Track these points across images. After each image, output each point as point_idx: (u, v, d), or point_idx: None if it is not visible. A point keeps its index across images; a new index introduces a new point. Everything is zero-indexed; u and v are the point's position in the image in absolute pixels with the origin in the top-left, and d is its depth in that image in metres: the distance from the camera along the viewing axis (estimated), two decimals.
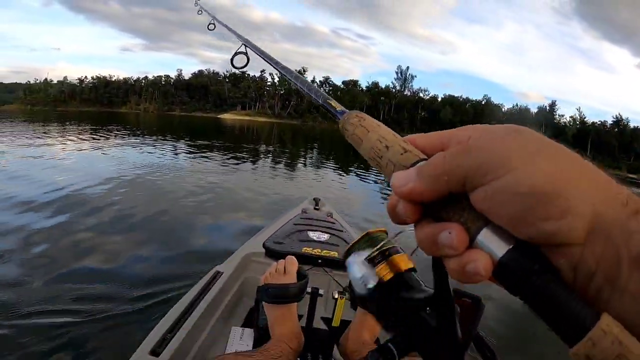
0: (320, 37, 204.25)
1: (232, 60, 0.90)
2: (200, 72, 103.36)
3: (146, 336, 1.22)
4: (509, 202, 0.21)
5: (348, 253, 0.37)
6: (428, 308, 0.32)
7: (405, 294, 0.34)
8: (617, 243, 0.20)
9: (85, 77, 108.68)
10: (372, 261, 0.36)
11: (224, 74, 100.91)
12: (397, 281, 0.34)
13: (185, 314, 1.34)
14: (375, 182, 9.99)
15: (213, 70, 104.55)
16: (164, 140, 17.29)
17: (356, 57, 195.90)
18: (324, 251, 1.73)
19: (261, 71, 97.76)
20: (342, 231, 2.12)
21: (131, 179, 7.13)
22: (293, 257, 1.18)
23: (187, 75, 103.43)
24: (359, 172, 11.62)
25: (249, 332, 1.31)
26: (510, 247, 0.22)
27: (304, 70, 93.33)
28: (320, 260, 1.68)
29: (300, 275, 1.15)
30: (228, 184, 7.47)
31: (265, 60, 0.71)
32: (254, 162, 11.64)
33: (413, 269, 0.36)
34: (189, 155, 12.10)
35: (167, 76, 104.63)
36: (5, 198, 5.17)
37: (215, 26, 1.24)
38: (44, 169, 7.68)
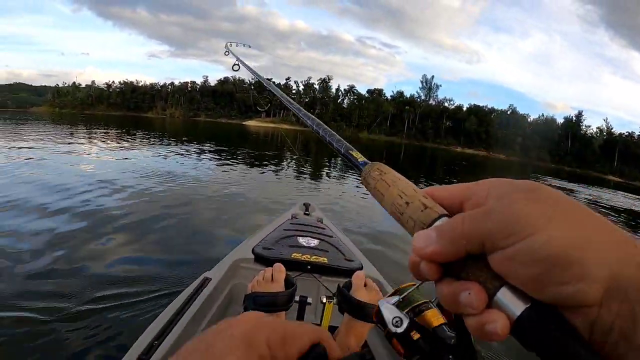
0: (345, 46, 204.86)
1: (254, 100, 1.04)
2: (226, 79, 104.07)
3: (134, 342, 1.20)
4: (526, 266, 0.22)
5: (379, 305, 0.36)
6: (451, 356, 0.32)
7: (432, 349, 0.33)
8: (632, 301, 0.21)
9: (113, 81, 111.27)
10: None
11: (249, 81, 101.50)
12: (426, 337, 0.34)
13: (173, 320, 1.34)
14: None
15: (239, 78, 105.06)
16: (182, 145, 17.51)
17: (381, 65, 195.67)
18: (314, 257, 1.71)
19: (286, 79, 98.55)
20: (332, 237, 2.10)
21: (133, 183, 7.18)
22: (281, 264, 1.17)
23: (212, 82, 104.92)
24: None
25: None
26: (527, 306, 0.23)
27: (328, 79, 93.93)
28: (309, 266, 1.65)
29: (289, 283, 1.13)
30: (226, 189, 7.45)
31: (288, 106, 0.82)
32: (258, 167, 11.61)
33: (444, 324, 0.35)
34: (196, 160, 12.10)
35: (193, 82, 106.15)
36: (21, 198, 5.37)
37: (239, 67, 1.28)
38: (59, 169, 8.12)
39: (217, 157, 13.54)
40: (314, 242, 1.91)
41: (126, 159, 11.10)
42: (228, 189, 7.51)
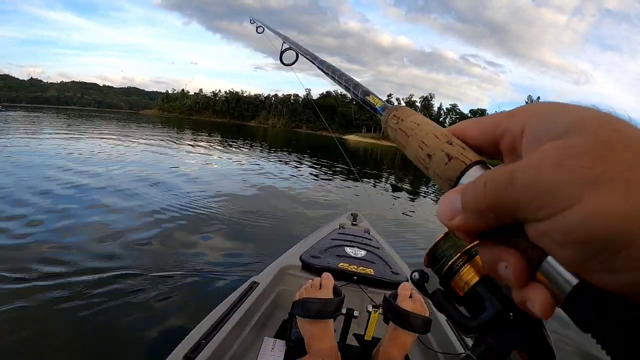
0: (448, 64, 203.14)
1: (280, 57, 1.04)
2: (328, 93, 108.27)
3: (181, 340, 1.23)
4: (564, 247, 0.17)
5: (433, 253, 0.33)
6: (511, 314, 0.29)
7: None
8: None
9: (219, 90, 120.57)
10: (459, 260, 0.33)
11: (350, 97, 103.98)
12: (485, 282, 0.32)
13: (220, 321, 1.37)
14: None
15: (340, 92, 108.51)
16: (279, 154, 17.86)
17: (485, 85, 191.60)
18: (360, 268, 1.69)
19: (388, 95, 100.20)
20: (378, 248, 2.06)
21: (211, 185, 7.47)
22: (329, 274, 1.17)
23: (315, 95, 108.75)
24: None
25: (280, 344, 1.30)
26: (577, 282, 0.18)
27: (430, 97, 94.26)
28: (355, 277, 1.64)
29: (337, 292, 1.12)
30: (283, 195, 7.47)
31: (301, 54, 0.84)
32: (320, 176, 11.35)
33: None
34: (283, 170, 12.05)
35: (296, 95, 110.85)
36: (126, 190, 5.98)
37: (263, 29, 1.38)
38: (154, 166, 8.93)
39: (304, 167, 13.62)
40: (361, 253, 1.88)
41: (214, 162, 11.71)
42: (287, 196, 7.53)
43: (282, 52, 1.05)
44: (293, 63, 1.00)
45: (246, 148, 19.25)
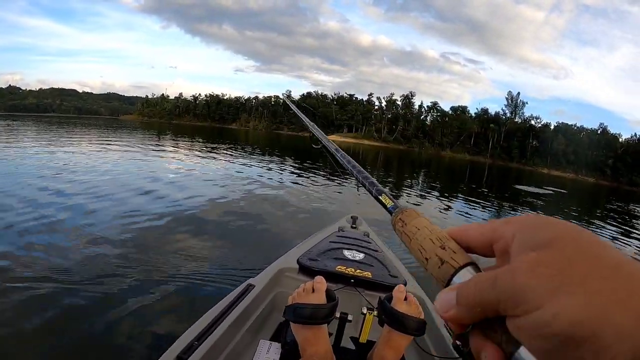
0: (429, 62, 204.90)
1: (310, 138, 1.22)
2: (309, 93, 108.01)
3: (174, 341, 1.23)
4: (536, 340, 0.21)
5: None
6: None
7: None
8: None
9: (199, 94, 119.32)
10: None
11: (331, 96, 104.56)
12: None
13: (214, 323, 1.36)
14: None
15: (321, 93, 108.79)
16: (263, 156, 18.28)
17: (466, 82, 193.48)
18: (358, 271, 1.70)
19: (369, 95, 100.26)
20: (377, 251, 2.07)
21: (199, 188, 7.58)
22: (322, 277, 1.15)
23: (296, 96, 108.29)
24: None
25: (276, 346, 1.30)
26: None
27: (411, 95, 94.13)
28: (352, 280, 1.66)
29: (330, 296, 1.12)
30: (282, 198, 7.55)
31: (323, 143, 0.93)
32: (323, 180, 11.57)
33: None
34: (267, 169, 12.56)
35: (277, 97, 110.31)
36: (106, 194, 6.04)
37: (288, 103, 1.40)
38: (135, 172, 8.99)
39: (289, 168, 13.96)
40: (359, 256, 1.90)
41: (201, 166, 11.93)
42: (286, 199, 7.60)
43: (310, 136, 1.23)
44: (320, 147, 1.10)
45: (233, 152, 19.10)
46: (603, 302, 0.19)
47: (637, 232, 10.92)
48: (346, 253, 1.91)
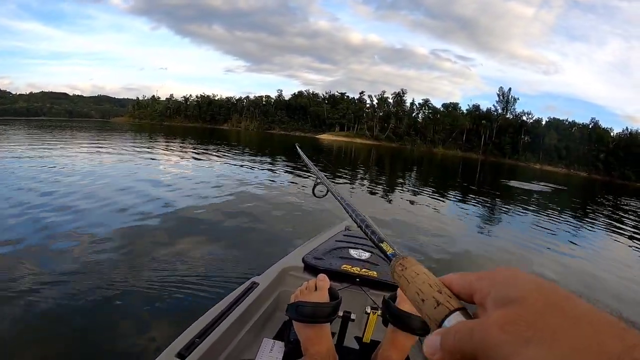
0: (419, 60, 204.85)
1: (313, 190, 1.24)
2: (300, 93, 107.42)
3: (175, 338, 1.23)
4: None
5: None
6: None
7: None
8: None
9: (190, 95, 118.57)
10: None
11: (323, 95, 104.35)
12: None
13: (217, 320, 1.36)
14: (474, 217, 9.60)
15: (312, 92, 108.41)
16: (256, 156, 18.22)
17: (456, 79, 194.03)
18: (363, 270, 1.70)
19: (360, 93, 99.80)
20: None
21: (199, 188, 7.72)
22: (325, 275, 1.14)
23: (287, 96, 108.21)
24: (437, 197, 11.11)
25: (279, 345, 1.29)
26: None
27: (403, 93, 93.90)
28: (358, 279, 1.65)
29: (333, 294, 1.10)
30: (288, 199, 7.57)
31: (331, 191, 0.93)
32: (336, 182, 11.42)
33: None
34: (264, 168, 12.63)
35: (268, 96, 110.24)
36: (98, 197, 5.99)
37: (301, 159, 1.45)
38: (130, 175, 8.92)
39: (285, 168, 13.83)
40: (365, 255, 1.90)
41: (198, 167, 11.91)
42: (291, 200, 7.64)
43: (314, 186, 1.27)
44: (324, 196, 1.12)
45: (229, 153, 18.98)
46: (564, 351, 0.22)
47: None
48: (352, 252, 1.90)
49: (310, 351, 1.02)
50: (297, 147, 1.56)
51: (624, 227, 10.67)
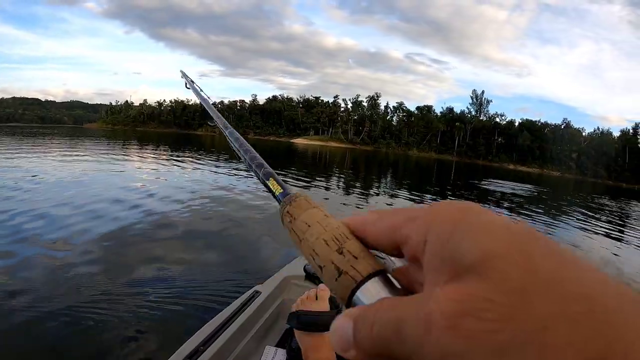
0: (394, 63, 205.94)
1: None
2: (275, 97, 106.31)
3: (180, 346, 1.25)
4: None
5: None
6: None
7: None
8: None
9: (164, 100, 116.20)
10: None
11: (297, 99, 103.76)
12: None
13: (220, 328, 1.38)
14: None
15: (287, 96, 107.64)
16: (236, 162, 18.21)
17: (430, 82, 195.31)
18: None
19: (334, 97, 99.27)
20: (383, 258, 2.03)
21: (191, 196, 7.56)
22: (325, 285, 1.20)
23: (261, 100, 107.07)
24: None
25: (282, 353, 1.29)
26: None
27: (377, 96, 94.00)
28: None
29: (334, 304, 1.09)
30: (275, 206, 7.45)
31: (213, 116, 0.72)
32: (310, 186, 11.46)
33: None
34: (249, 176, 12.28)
35: (242, 101, 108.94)
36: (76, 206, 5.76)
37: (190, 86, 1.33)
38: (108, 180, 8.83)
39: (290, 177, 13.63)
40: None
41: (182, 175, 11.56)
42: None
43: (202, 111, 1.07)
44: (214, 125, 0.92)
45: (210, 160, 18.48)
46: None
47: None
48: None
49: (311, 359, 1.02)
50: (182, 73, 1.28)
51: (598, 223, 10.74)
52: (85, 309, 2.81)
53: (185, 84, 1.19)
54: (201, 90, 1.04)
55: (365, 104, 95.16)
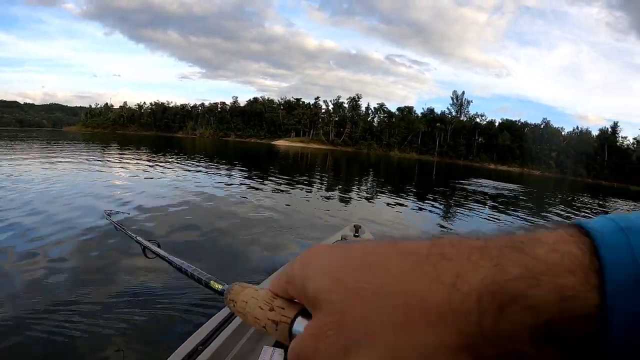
0: (374, 64, 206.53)
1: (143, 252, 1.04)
2: (255, 99, 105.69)
3: (178, 346, 1.27)
4: None
5: None
6: None
7: None
8: None
9: (144, 102, 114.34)
10: None
11: (278, 101, 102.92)
12: None
13: (219, 328, 1.40)
14: (430, 210, 9.82)
15: (268, 98, 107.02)
16: (216, 165, 17.69)
17: (411, 83, 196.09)
18: None
19: (315, 98, 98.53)
20: None
21: (184, 201, 7.36)
22: None
23: (242, 102, 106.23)
24: (411, 199, 11.39)
25: (279, 352, 1.30)
26: None
27: (358, 97, 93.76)
28: None
29: None
30: (272, 209, 7.29)
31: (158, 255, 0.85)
32: (300, 189, 11.38)
33: None
34: (239, 181, 12.10)
35: (223, 103, 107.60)
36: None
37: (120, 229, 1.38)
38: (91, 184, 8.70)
39: (255, 179, 13.20)
40: None
41: (162, 179, 11.14)
42: (273, 211, 7.31)
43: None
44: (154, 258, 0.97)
45: (198, 162, 18.16)
46: (382, 352, 0.18)
47: None
48: None
49: None
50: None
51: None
52: (76, 316, 2.75)
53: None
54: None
55: (346, 105, 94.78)
